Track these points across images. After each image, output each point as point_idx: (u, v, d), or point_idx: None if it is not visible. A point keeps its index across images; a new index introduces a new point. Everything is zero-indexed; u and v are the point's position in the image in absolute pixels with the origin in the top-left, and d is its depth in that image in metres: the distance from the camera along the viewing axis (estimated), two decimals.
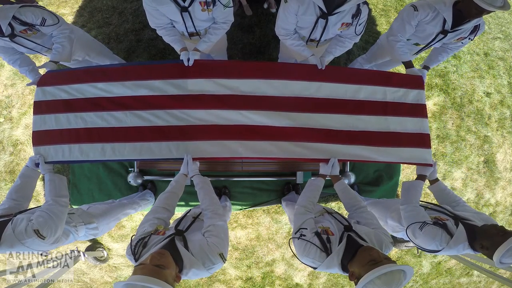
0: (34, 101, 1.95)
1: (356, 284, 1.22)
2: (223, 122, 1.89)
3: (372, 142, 1.95)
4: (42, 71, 2.04)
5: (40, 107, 1.95)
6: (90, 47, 2.41)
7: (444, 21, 1.88)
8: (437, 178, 2.00)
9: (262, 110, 1.91)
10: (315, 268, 1.40)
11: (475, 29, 1.93)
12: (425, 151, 2.00)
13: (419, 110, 2.04)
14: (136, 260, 1.28)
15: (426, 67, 2.15)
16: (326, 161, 1.88)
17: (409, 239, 1.70)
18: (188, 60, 1.89)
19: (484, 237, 1.47)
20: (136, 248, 1.31)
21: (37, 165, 1.86)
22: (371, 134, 1.96)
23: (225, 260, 1.34)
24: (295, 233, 1.49)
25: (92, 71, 1.98)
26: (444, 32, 1.93)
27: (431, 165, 1.97)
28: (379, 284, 1.14)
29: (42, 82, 1.96)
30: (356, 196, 1.76)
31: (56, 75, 1.97)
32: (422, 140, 2.01)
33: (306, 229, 1.47)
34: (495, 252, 1.40)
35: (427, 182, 2.00)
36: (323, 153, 1.90)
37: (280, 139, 1.89)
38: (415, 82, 2.05)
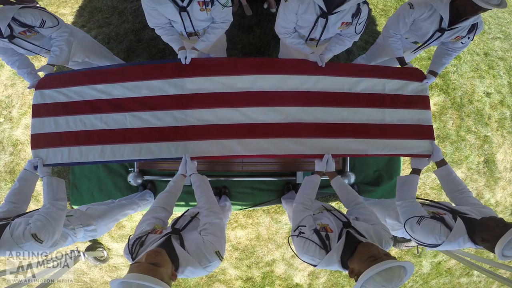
0: (33, 104, 1.95)
1: (356, 281, 1.21)
2: (221, 121, 1.90)
3: (370, 135, 1.94)
4: (41, 74, 2.03)
5: (38, 110, 1.94)
6: (90, 49, 2.41)
7: (441, 19, 1.88)
8: (443, 160, 1.93)
9: (259, 106, 1.91)
10: (315, 266, 1.40)
11: (473, 28, 1.93)
12: (426, 143, 1.98)
13: (420, 102, 2.03)
14: (133, 259, 1.29)
15: (433, 73, 2.10)
16: (322, 157, 1.88)
17: (408, 236, 1.70)
18: (186, 58, 1.89)
19: (484, 229, 1.46)
20: (133, 247, 1.32)
21: (35, 168, 1.86)
22: (369, 127, 1.95)
23: (222, 258, 1.33)
24: (294, 231, 1.49)
25: (90, 73, 1.98)
26: (441, 30, 1.93)
27: (428, 156, 1.96)
28: (379, 281, 1.13)
29: (40, 85, 1.96)
30: (354, 192, 1.75)
31: (55, 78, 1.97)
32: (423, 132, 2.00)
33: (305, 226, 1.47)
34: (496, 244, 1.38)
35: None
36: (321, 149, 1.90)
37: (277, 135, 1.90)
38: (415, 74, 2.05)
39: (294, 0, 1.75)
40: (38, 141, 1.93)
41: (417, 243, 1.66)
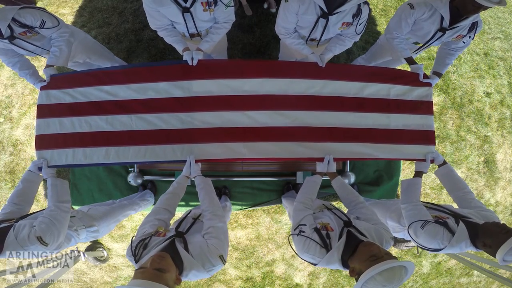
0: (38, 105, 1.93)
1: (356, 280, 1.21)
2: (227, 124, 1.89)
3: (374, 139, 1.95)
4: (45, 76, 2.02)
5: (43, 111, 1.93)
6: (91, 49, 2.40)
7: (442, 18, 1.88)
8: (444, 161, 1.95)
9: (266, 110, 1.90)
10: (315, 265, 1.40)
11: (473, 27, 1.93)
12: (428, 148, 2.00)
13: (424, 107, 2.04)
14: (136, 261, 1.28)
15: (437, 73, 2.10)
16: (323, 159, 1.89)
17: (410, 239, 1.69)
18: (192, 59, 1.88)
19: (487, 235, 1.46)
20: (137, 250, 1.31)
21: (39, 169, 1.84)
22: (373, 132, 1.96)
23: (225, 262, 1.33)
24: (294, 230, 1.48)
25: (96, 74, 1.96)
26: (443, 30, 1.93)
27: (425, 160, 1.97)
28: (380, 281, 1.13)
29: (45, 85, 1.95)
30: (354, 192, 1.75)
31: (60, 79, 1.95)
32: (425, 137, 2.01)
33: (305, 225, 1.47)
34: (498, 250, 1.38)
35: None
36: (327, 152, 1.90)
37: (284, 139, 1.89)
38: (412, 78, 2.04)
39: (295, 1, 1.75)
40: (43, 142, 1.91)
41: (419, 246, 1.66)
